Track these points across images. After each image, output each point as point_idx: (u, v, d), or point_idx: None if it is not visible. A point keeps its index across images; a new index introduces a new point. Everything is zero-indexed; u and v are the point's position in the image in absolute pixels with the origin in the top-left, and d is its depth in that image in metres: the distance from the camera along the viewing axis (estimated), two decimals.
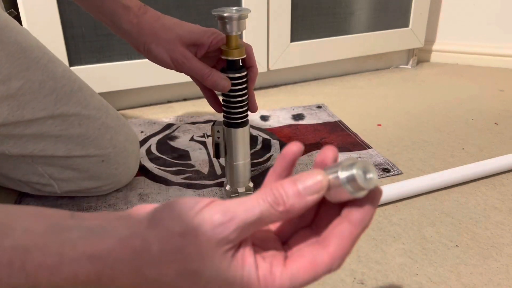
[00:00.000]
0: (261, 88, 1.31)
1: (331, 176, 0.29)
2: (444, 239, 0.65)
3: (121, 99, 1.15)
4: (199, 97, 1.22)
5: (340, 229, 0.29)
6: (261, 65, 1.22)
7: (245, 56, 0.63)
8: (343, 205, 0.31)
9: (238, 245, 0.29)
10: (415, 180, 0.75)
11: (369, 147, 0.92)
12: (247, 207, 0.28)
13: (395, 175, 0.82)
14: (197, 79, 0.64)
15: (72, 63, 1.04)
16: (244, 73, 0.64)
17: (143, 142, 0.95)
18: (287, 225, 0.34)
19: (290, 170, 0.33)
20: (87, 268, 0.27)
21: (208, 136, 0.97)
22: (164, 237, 0.27)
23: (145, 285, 0.28)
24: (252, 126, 1.02)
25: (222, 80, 0.62)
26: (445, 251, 0.62)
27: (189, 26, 0.63)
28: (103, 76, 1.08)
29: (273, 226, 0.34)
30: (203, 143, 0.94)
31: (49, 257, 0.27)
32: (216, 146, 0.69)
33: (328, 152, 0.32)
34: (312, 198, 0.28)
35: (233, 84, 0.64)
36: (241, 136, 0.68)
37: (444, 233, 0.66)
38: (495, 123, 1.04)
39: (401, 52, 1.50)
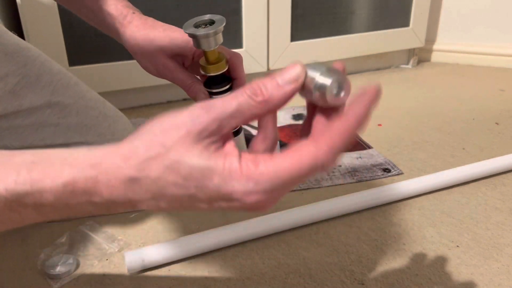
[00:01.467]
0: None
1: (309, 74, 0.29)
2: (445, 240, 0.64)
3: (121, 99, 1.15)
4: None
5: (331, 125, 0.29)
6: (261, 65, 1.22)
7: (225, 69, 0.57)
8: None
9: (222, 143, 0.30)
10: (415, 180, 0.75)
11: (369, 147, 0.92)
12: (225, 100, 0.29)
13: (395, 175, 0.82)
14: None
15: (72, 63, 1.04)
16: (225, 88, 0.59)
17: None
18: None
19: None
20: (85, 173, 0.29)
21: None
22: (148, 139, 0.29)
23: (137, 193, 0.30)
24: (252, 126, 1.02)
25: (201, 94, 0.59)
26: (446, 251, 0.62)
27: (174, 37, 0.60)
28: (103, 76, 1.07)
29: None
30: None
31: (52, 167, 0.30)
32: None
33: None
34: (291, 87, 0.29)
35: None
36: None
37: (445, 234, 0.66)
38: (496, 123, 1.04)
39: (402, 52, 1.50)
